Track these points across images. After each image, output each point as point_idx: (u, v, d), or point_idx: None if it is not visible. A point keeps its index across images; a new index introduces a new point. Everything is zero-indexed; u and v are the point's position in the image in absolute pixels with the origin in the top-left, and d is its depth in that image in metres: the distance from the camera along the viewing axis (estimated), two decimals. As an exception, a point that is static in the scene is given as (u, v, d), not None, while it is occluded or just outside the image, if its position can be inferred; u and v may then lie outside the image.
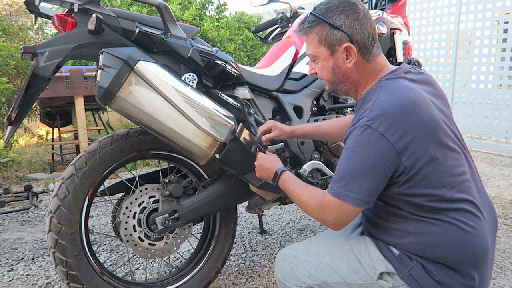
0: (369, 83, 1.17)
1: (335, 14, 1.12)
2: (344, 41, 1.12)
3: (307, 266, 1.18)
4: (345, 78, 1.18)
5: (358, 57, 1.14)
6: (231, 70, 1.55)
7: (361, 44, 1.13)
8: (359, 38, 1.12)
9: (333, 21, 1.12)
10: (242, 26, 5.39)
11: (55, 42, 1.28)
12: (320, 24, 1.14)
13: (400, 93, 1.06)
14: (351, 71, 1.16)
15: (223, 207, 1.64)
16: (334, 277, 1.15)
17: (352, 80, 1.18)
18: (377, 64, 1.17)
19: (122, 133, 1.52)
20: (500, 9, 4.70)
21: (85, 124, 3.84)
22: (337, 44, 1.13)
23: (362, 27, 1.12)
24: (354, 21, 1.11)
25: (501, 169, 4.11)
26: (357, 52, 1.13)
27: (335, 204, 1.07)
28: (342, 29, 1.11)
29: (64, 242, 1.39)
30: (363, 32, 1.12)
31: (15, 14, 5.50)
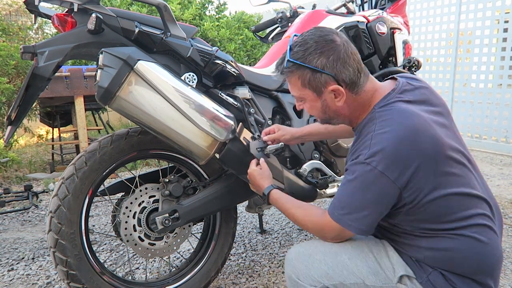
0: (362, 113, 1.14)
1: (314, 58, 1.06)
2: (330, 83, 1.08)
3: (323, 266, 1.13)
4: (337, 115, 1.16)
5: (346, 93, 1.10)
6: (231, 69, 1.55)
7: (347, 82, 1.08)
8: (344, 76, 1.07)
9: (313, 65, 1.06)
10: (242, 26, 5.38)
11: (55, 42, 1.28)
12: (300, 68, 1.09)
13: (397, 124, 1.03)
14: (341, 108, 1.13)
15: (223, 207, 1.64)
16: (352, 278, 1.12)
17: (344, 115, 1.16)
18: (367, 92, 1.12)
19: (122, 133, 1.52)
20: (500, 8, 4.70)
21: (85, 124, 3.84)
22: (323, 86, 1.09)
23: (345, 64, 1.07)
24: (336, 61, 1.06)
25: (501, 169, 4.11)
26: (345, 89, 1.09)
27: (336, 227, 1.10)
28: (325, 72, 1.06)
29: (64, 242, 1.39)
30: (347, 69, 1.07)
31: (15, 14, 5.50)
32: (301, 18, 2.07)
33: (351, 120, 1.18)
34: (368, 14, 2.13)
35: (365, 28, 2.05)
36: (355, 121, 1.18)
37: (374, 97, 1.12)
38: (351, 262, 1.13)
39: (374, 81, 1.15)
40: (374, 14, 2.13)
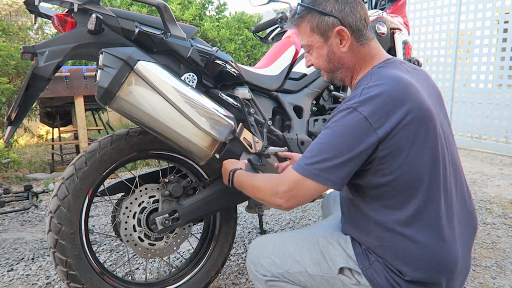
0: (363, 69, 1.16)
1: (324, 1, 1.12)
2: (336, 25, 1.11)
3: (272, 255, 1.20)
4: (341, 64, 1.17)
5: (351, 41, 1.12)
6: (231, 70, 1.55)
7: (353, 27, 1.11)
8: (351, 21, 1.11)
9: (322, 8, 1.12)
10: (242, 26, 5.39)
11: (55, 42, 1.28)
12: (310, 13, 1.14)
13: (391, 80, 1.04)
14: (346, 56, 1.15)
15: (223, 207, 1.64)
16: (296, 267, 1.17)
17: (347, 66, 1.17)
18: (371, 48, 1.15)
19: (122, 133, 1.52)
20: (500, 8, 4.70)
21: (85, 124, 3.84)
22: (329, 29, 1.12)
23: (353, 9, 1.11)
24: (344, 5, 1.11)
25: (501, 169, 4.11)
26: (350, 35, 1.12)
27: (296, 178, 1.05)
28: (332, 14, 1.11)
29: (64, 242, 1.39)
30: (354, 14, 1.11)
31: (15, 14, 5.50)
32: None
33: (352, 74, 1.19)
34: (368, 14, 2.12)
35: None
36: (355, 76, 1.18)
37: (376, 57, 1.15)
38: (296, 253, 1.18)
39: (379, 46, 1.19)
40: (374, 14, 2.13)
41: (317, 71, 1.93)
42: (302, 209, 2.98)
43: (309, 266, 1.16)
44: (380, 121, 0.99)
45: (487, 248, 2.27)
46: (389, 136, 0.99)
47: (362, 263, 1.11)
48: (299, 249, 1.19)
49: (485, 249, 2.27)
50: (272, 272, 1.19)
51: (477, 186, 3.51)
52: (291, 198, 1.07)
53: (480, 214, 2.81)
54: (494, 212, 2.84)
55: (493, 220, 2.69)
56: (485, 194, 3.27)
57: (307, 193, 1.05)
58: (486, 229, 2.54)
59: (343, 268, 1.13)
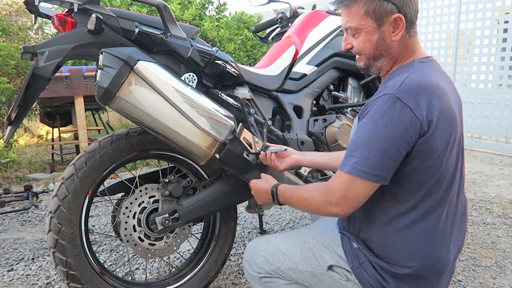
0: (403, 61, 1.14)
1: None
2: (394, 13, 1.08)
3: (265, 254, 1.24)
4: (387, 53, 1.14)
5: (403, 31, 1.10)
6: (231, 70, 1.55)
7: (408, 18, 1.09)
8: (407, 10, 1.09)
9: None
10: (242, 26, 5.39)
11: (55, 42, 1.28)
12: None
13: (433, 77, 1.05)
14: (394, 45, 1.12)
15: (223, 207, 1.64)
16: (288, 264, 1.20)
17: (392, 55, 1.14)
18: (415, 41, 1.15)
19: (122, 133, 1.52)
20: (500, 8, 4.70)
21: (85, 124, 3.84)
22: (386, 15, 1.08)
23: (411, 0, 1.09)
24: None
25: (501, 169, 4.11)
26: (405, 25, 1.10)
27: (345, 181, 1.02)
28: (392, 1, 1.07)
29: (64, 242, 1.39)
30: (412, 4, 1.09)
31: (15, 14, 5.50)
32: (301, 19, 2.07)
33: (392, 65, 1.16)
34: None
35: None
36: (394, 67, 1.16)
37: (418, 51, 1.14)
38: (287, 250, 1.22)
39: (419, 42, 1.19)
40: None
41: (317, 71, 1.93)
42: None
43: (300, 263, 1.19)
44: (424, 114, 0.98)
45: (487, 248, 2.27)
46: (429, 132, 0.99)
47: (352, 263, 1.13)
48: (290, 247, 1.23)
49: (485, 249, 2.27)
50: (265, 269, 1.23)
51: (477, 186, 3.51)
52: (347, 203, 1.04)
53: (480, 214, 2.81)
54: (494, 212, 2.84)
55: (493, 220, 2.69)
56: (485, 194, 3.27)
57: (362, 194, 1.02)
58: (486, 229, 2.54)
59: (332, 265, 1.16)
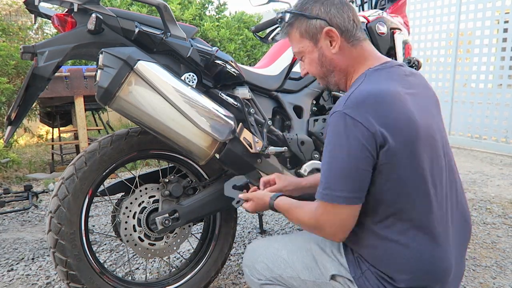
0: (357, 71, 1.13)
1: (310, 5, 1.13)
2: (324, 27, 1.11)
3: (265, 260, 1.21)
4: (333, 67, 1.15)
5: (342, 42, 1.11)
6: (231, 70, 1.55)
7: (342, 28, 1.10)
8: (338, 21, 1.10)
9: (309, 12, 1.12)
10: (242, 26, 5.38)
11: (55, 42, 1.28)
12: (297, 19, 1.15)
13: (384, 84, 1.03)
14: (337, 58, 1.13)
15: (223, 207, 1.64)
16: (289, 272, 1.17)
17: (339, 68, 1.14)
18: (364, 49, 1.13)
19: (122, 133, 1.52)
20: (500, 8, 4.70)
21: (85, 124, 3.84)
22: (318, 32, 1.12)
23: (339, 10, 1.11)
24: (330, 7, 1.11)
25: (501, 169, 4.11)
26: (340, 36, 1.11)
27: (327, 209, 1.02)
28: (319, 17, 1.11)
29: (64, 242, 1.39)
30: (341, 15, 1.11)
31: (15, 14, 5.50)
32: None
33: (346, 77, 1.16)
34: (368, 14, 2.13)
35: (365, 28, 2.05)
36: (349, 79, 1.16)
37: (370, 58, 1.13)
38: (289, 258, 1.19)
39: (373, 47, 1.17)
40: (374, 14, 2.13)
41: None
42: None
43: (302, 272, 1.16)
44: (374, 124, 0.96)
45: (487, 248, 2.27)
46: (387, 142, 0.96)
47: (354, 272, 1.10)
48: (292, 254, 1.20)
49: (485, 249, 2.27)
50: (266, 276, 1.21)
51: (477, 186, 3.51)
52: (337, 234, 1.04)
53: (480, 214, 2.81)
54: (494, 212, 2.84)
55: (493, 220, 2.69)
56: (485, 194, 3.27)
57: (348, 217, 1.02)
58: (486, 229, 2.54)
59: (334, 275, 1.13)
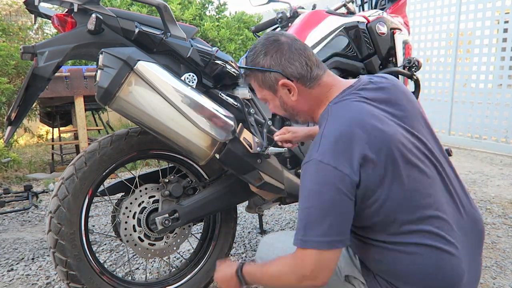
0: (321, 106, 1.15)
1: (261, 59, 1.14)
2: (279, 79, 1.13)
3: (280, 253, 1.18)
4: (296, 111, 1.20)
5: (299, 88, 1.14)
6: (231, 70, 1.55)
7: (296, 76, 1.12)
8: (291, 71, 1.12)
9: (261, 66, 1.14)
10: (242, 26, 5.38)
11: (55, 42, 1.28)
12: (253, 72, 1.18)
13: (345, 118, 1.03)
14: (298, 103, 1.17)
15: (223, 207, 1.64)
16: None
17: (302, 111, 1.19)
18: (323, 86, 1.14)
19: (122, 133, 1.52)
20: (500, 8, 4.70)
21: (85, 124, 3.84)
22: (274, 83, 1.15)
23: (290, 60, 1.12)
24: (280, 58, 1.12)
25: (501, 169, 4.11)
26: (296, 84, 1.13)
27: (308, 256, 1.00)
28: (272, 70, 1.13)
29: (64, 242, 1.39)
30: (293, 64, 1.12)
31: (15, 14, 5.50)
32: (301, 18, 2.07)
33: (312, 115, 1.20)
34: (368, 14, 2.13)
35: (365, 28, 2.05)
36: (316, 115, 1.18)
37: (331, 92, 1.14)
38: None
39: (334, 77, 1.18)
40: (374, 14, 2.13)
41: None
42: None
43: None
44: (348, 165, 0.98)
45: (487, 248, 2.27)
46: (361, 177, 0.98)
47: (367, 275, 1.11)
48: None
49: (485, 249, 2.27)
50: None
51: (477, 186, 3.51)
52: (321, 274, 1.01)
53: (480, 214, 2.81)
54: (494, 212, 2.84)
55: (493, 220, 2.69)
56: (485, 194, 3.27)
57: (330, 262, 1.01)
58: (486, 229, 2.54)
59: (348, 276, 1.13)
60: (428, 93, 5.66)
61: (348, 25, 2.02)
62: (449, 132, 5.42)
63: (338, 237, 0.99)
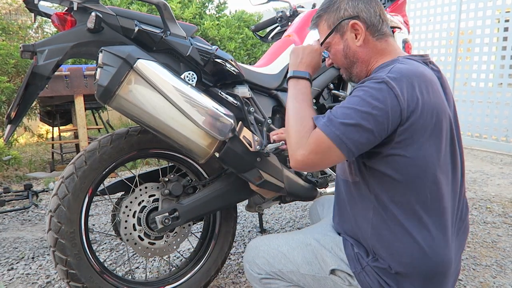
0: (379, 63, 1.16)
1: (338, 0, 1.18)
2: (351, 20, 1.15)
3: (266, 255, 1.24)
4: (356, 58, 1.19)
5: (366, 35, 1.16)
6: (231, 68, 1.54)
7: (368, 22, 1.15)
8: (365, 16, 1.15)
9: (337, 6, 1.18)
10: (242, 25, 5.38)
11: (54, 40, 1.28)
12: (327, 12, 1.20)
13: (418, 67, 1.06)
14: (361, 50, 1.17)
15: (223, 206, 1.64)
16: (289, 266, 1.20)
17: (362, 60, 1.18)
18: (388, 44, 1.17)
19: (122, 132, 1.51)
20: (500, 7, 4.70)
21: (85, 123, 3.84)
22: (345, 24, 1.17)
23: (367, 5, 1.15)
24: (358, 1, 1.16)
25: (501, 168, 4.11)
26: (365, 30, 1.15)
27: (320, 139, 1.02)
28: (347, 10, 1.16)
29: (64, 241, 1.39)
30: (368, 10, 1.15)
31: (14, 13, 5.49)
32: (300, 17, 2.07)
33: (367, 69, 1.19)
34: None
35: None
36: (370, 70, 1.18)
37: (393, 53, 1.16)
38: (289, 252, 1.22)
39: (397, 45, 1.20)
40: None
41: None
42: (302, 208, 2.98)
43: (301, 266, 1.19)
44: (408, 102, 0.99)
45: (487, 247, 2.27)
46: (409, 121, 0.99)
47: (355, 267, 1.12)
48: (292, 249, 1.22)
49: (485, 248, 2.27)
50: (266, 270, 1.23)
51: (477, 185, 3.51)
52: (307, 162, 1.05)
53: (480, 213, 2.81)
54: (494, 211, 2.84)
55: (493, 219, 2.69)
56: (485, 193, 3.27)
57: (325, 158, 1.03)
58: (487, 228, 2.54)
59: (334, 269, 1.15)
60: (428, 92, 5.65)
61: (348, 24, 2.02)
62: (449, 131, 5.42)
63: (354, 149, 1.00)
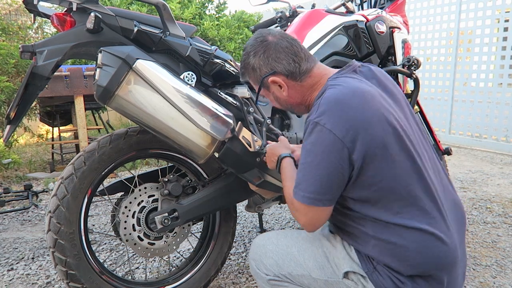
0: (315, 92, 1.19)
1: (251, 60, 1.21)
2: (269, 77, 1.19)
3: (274, 256, 1.21)
4: (290, 104, 1.25)
5: (289, 83, 1.19)
6: (230, 68, 1.55)
7: (285, 73, 1.18)
8: (280, 69, 1.18)
9: (251, 66, 1.21)
10: (242, 25, 5.38)
11: (54, 41, 1.28)
12: (246, 71, 1.25)
13: (346, 87, 1.07)
14: (290, 97, 1.22)
15: (222, 206, 1.64)
16: (299, 270, 1.17)
17: (296, 103, 1.24)
18: (314, 77, 1.19)
19: (121, 132, 1.51)
20: (500, 7, 4.70)
21: (85, 123, 3.84)
22: (266, 81, 1.21)
23: (277, 59, 1.17)
24: (267, 58, 1.18)
25: (501, 168, 4.11)
26: (286, 80, 1.19)
27: (303, 207, 1.06)
28: (262, 69, 1.19)
29: (63, 242, 1.39)
30: (280, 62, 1.17)
31: (14, 13, 5.49)
32: (300, 18, 2.07)
33: (306, 105, 1.24)
34: (367, 13, 2.12)
35: (364, 27, 2.05)
36: (310, 103, 1.22)
37: (323, 79, 1.18)
38: (299, 255, 1.19)
39: (325, 67, 1.23)
40: (373, 13, 2.13)
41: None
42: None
43: (313, 270, 1.15)
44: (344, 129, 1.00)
45: (487, 247, 2.27)
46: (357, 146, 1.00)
47: (367, 267, 1.10)
48: (302, 251, 1.19)
49: (485, 248, 2.27)
50: (274, 272, 1.20)
51: (477, 185, 3.51)
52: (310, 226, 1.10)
53: (480, 213, 2.81)
54: (494, 211, 2.84)
55: (494, 219, 2.69)
56: (485, 193, 3.27)
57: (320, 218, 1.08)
58: (487, 228, 2.54)
59: (348, 272, 1.12)
60: (428, 92, 5.66)
61: (347, 24, 2.02)
62: (449, 131, 5.42)
63: (327, 196, 1.04)
